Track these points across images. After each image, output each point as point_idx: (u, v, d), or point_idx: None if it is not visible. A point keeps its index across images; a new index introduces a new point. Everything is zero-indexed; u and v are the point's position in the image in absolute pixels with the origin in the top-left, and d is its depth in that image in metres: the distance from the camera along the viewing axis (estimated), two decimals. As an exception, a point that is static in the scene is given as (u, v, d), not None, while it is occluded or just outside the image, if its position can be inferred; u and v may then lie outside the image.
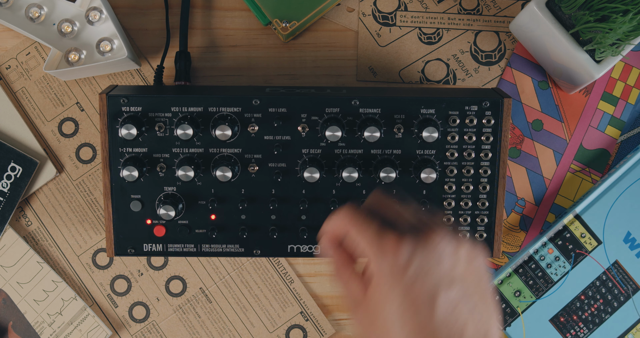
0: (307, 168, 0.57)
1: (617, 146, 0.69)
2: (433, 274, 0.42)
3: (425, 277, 0.42)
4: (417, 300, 0.41)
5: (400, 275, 0.42)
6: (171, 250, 0.60)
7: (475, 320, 0.43)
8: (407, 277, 0.42)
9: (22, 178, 0.67)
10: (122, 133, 0.56)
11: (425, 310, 0.41)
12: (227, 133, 0.57)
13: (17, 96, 0.68)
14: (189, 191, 0.59)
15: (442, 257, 0.42)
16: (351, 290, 0.46)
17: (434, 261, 0.42)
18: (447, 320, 0.42)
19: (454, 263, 0.43)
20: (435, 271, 0.42)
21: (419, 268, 0.42)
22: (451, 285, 0.42)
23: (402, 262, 0.42)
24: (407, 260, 0.42)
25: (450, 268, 0.43)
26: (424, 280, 0.42)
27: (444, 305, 0.42)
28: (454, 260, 0.43)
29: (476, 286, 0.44)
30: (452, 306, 0.42)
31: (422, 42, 0.68)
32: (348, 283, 0.46)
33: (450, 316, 0.42)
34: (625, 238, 0.67)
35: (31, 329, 0.68)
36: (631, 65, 0.69)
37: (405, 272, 0.42)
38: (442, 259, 0.42)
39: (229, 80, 0.68)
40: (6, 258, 0.68)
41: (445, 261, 0.42)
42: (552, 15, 0.60)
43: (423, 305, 0.41)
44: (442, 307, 0.41)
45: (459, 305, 0.42)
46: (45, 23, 0.65)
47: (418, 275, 0.42)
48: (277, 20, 0.64)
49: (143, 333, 0.69)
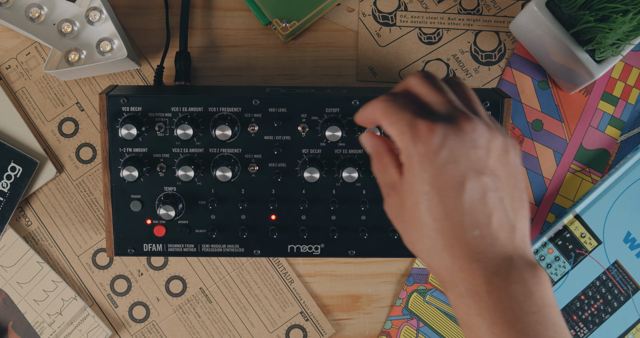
0: (307, 168, 0.57)
1: (617, 146, 0.69)
2: (464, 161, 0.42)
3: (456, 163, 0.42)
4: (446, 184, 0.42)
5: (431, 160, 0.42)
6: (171, 250, 0.60)
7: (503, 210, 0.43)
8: (438, 162, 0.42)
9: (22, 178, 0.67)
10: (122, 133, 0.56)
11: (454, 195, 0.42)
12: (227, 133, 0.57)
13: (17, 96, 0.68)
14: (189, 191, 0.59)
15: (474, 146, 0.42)
16: (388, 175, 0.46)
17: (466, 149, 0.42)
18: (474, 207, 0.42)
19: (485, 154, 0.43)
20: (466, 158, 0.42)
21: (450, 154, 0.42)
22: (481, 173, 0.42)
23: (434, 147, 0.42)
24: (438, 145, 0.42)
25: (481, 157, 0.42)
26: (454, 165, 0.42)
27: (472, 191, 0.42)
28: (486, 151, 0.43)
29: (507, 179, 0.44)
30: (480, 194, 0.42)
31: (422, 42, 0.68)
32: (386, 170, 0.47)
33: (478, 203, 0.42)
34: (625, 238, 0.67)
35: (31, 329, 0.68)
36: (631, 65, 0.69)
37: (436, 157, 0.42)
38: (474, 148, 0.42)
39: (229, 80, 0.68)
40: (6, 258, 0.68)
41: (477, 150, 0.42)
42: (552, 15, 0.60)
43: (452, 189, 0.42)
44: (470, 192, 0.42)
45: (488, 193, 0.42)
46: (45, 23, 0.65)
47: (449, 161, 0.42)
48: (277, 20, 0.64)
49: (143, 333, 0.69)
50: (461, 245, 0.42)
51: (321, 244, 0.60)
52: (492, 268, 0.42)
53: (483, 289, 0.41)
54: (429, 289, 0.68)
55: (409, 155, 0.43)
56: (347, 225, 0.59)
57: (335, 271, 0.68)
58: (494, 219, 0.42)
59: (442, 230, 0.42)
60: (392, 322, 0.69)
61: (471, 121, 0.43)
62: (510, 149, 0.44)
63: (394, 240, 0.59)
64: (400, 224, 0.45)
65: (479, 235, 0.42)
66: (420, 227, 0.43)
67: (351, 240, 0.60)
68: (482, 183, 0.42)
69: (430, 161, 0.42)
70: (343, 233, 0.59)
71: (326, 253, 0.60)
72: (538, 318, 0.41)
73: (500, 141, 0.44)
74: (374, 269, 0.68)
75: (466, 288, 0.42)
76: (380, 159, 0.47)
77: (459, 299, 0.43)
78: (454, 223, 0.42)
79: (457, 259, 0.42)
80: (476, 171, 0.42)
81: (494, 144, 0.43)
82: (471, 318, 0.42)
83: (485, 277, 0.41)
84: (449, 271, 0.43)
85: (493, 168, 0.43)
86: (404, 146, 0.43)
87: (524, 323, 0.40)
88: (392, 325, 0.69)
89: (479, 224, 0.42)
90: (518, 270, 0.42)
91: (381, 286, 0.69)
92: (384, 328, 0.69)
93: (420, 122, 0.42)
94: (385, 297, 0.69)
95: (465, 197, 0.42)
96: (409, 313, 0.68)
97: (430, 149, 0.42)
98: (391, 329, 0.69)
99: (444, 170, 0.42)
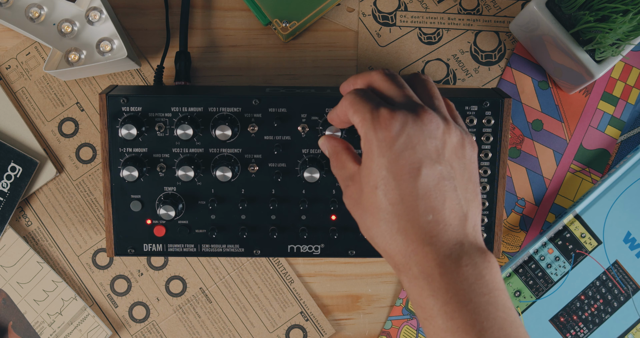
0: (307, 168, 0.57)
1: (617, 146, 0.69)
2: (420, 148, 0.44)
3: (413, 150, 0.44)
4: (402, 169, 0.44)
5: (389, 145, 0.44)
6: (171, 250, 0.60)
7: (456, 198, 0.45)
8: (396, 147, 0.44)
9: (22, 178, 0.67)
10: (122, 133, 0.56)
11: (409, 180, 0.44)
12: (227, 133, 0.57)
13: (17, 96, 0.68)
14: (189, 191, 0.59)
15: (430, 136, 0.44)
16: (346, 169, 0.49)
17: (423, 137, 0.44)
18: (428, 192, 0.44)
19: (441, 145, 0.45)
20: (422, 146, 0.44)
21: (407, 140, 0.44)
22: (437, 162, 0.44)
23: (393, 133, 0.44)
24: (397, 132, 0.44)
25: (437, 147, 0.45)
26: (411, 151, 0.44)
27: (427, 177, 0.44)
28: (442, 142, 0.45)
29: (462, 172, 0.46)
30: (435, 181, 0.44)
31: (422, 42, 0.68)
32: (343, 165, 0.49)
33: (432, 189, 0.44)
34: (625, 238, 0.67)
35: (31, 329, 0.68)
36: (631, 65, 0.69)
37: (394, 143, 0.44)
38: (431, 137, 0.44)
39: (229, 80, 0.68)
40: (6, 258, 0.68)
41: (434, 140, 0.45)
42: (552, 15, 0.60)
43: (408, 174, 0.44)
44: (424, 178, 0.44)
45: (442, 181, 0.44)
46: (45, 23, 0.65)
47: (406, 147, 0.44)
48: (277, 20, 0.64)
49: (143, 333, 0.69)
50: (415, 228, 0.44)
51: (321, 244, 0.60)
52: (444, 251, 0.43)
53: (435, 271, 0.43)
54: (429, 289, 0.68)
55: (368, 141, 0.45)
56: (347, 225, 0.59)
57: (335, 271, 0.68)
58: (447, 206, 0.44)
59: (397, 214, 0.44)
60: (392, 322, 0.69)
61: (429, 113, 0.45)
62: (467, 144, 0.47)
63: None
64: (357, 211, 0.47)
65: (433, 220, 0.44)
66: (377, 211, 0.45)
67: (351, 240, 0.60)
68: (437, 171, 0.44)
69: (389, 146, 0.44)
70: (343, 233, 0.59)
71: (326, 253, 0.60)
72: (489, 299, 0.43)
73: (457, 136, 0.46)
74: (374, 269, 0.68)
75: (419, 270, 0.44)
76: (338, 157, 0.50)
77: (413, 281, 0.44)
78: (409, 207, 0.44)
79: (410, 242, 0.44)
80: (432, 159, 0.44)
81: (450, 137, 0.45)
82: (424, 299, 0.44)
83: (438, 260, 0.43)
84: (403, 254, 0.45)
85: (448, 159, 0.45)
86: (364, 131, 0.45)
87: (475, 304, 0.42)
88: (392, 325, 0.69)
89: (433, 209, 0.44)
90: (469, 254, 0.44)
91: (381, 286, 0.69)
92: (384, 328, 0.69)
93: (381, 110, 0.45)
94: (385, 297, 0.69)
95: (420, 182, 0.44)
96: (409, 313, 0.68)
97: (389, 134, 0.44)
98: (391, 329, 0.69)
99: (401, 155, 0.44)
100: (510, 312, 0.43)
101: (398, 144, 0.44)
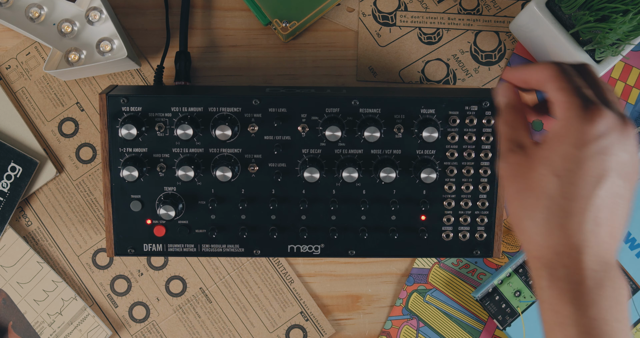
0: (307, 168, 0.57)
1: (617, 146, 0.69)
2: (614, 159, 0.42)
3: (607, 157, 0.42)
4: (589, 171, 0.42)
5: (588, 141, 0.41)
6: (171, 250, 0.60)
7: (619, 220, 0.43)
8: (593, 147, 0.41)
9: (22, 178, 0.67)
10: (122, 133, 0.56)
11: (591, 184, 0.42)
12: (227, 133, 0.57)
13: (17, 96, 0.68)
14: (189, 191, 0.59)
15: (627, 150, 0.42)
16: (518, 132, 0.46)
17: (619, 149, 0.42)
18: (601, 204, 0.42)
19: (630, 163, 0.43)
20: (615, 157, 0.42)
21: (607, 145, 0.42)
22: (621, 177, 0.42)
23: (596, 132, 0.41)
24: (601, 132, 0.41)
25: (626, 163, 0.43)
26: (604, 157, 0.42)
27: (608, 189, 0.42)
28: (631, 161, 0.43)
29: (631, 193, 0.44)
30: (612, 195, 0.42)
31: (422, 42, 0.68)
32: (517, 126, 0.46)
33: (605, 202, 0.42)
34: (625, 238, 0.67)
35: (31, 329, 0.68)
36: (631, 65, 0.69)
37: (594, 142, 0.41)
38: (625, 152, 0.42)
39: (229, 80, 0.68)
40: (6, 258, 0.68)
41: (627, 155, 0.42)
42: (552, 15, 0.60)
43: (592, 178, 0.42)
44: (605, 189, 0.42)
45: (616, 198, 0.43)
46: (45, 23, 0.65)
47: (602, 151, 0.42)
48: (277, 20, 0.64)
49: (143, 333, 0.69)
50: (577, 232, 0.42)
51: (321, 244, 0.60)
52: (593, 265, 0.42)
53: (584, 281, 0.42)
54: (429, 289, 0.68)
55: (569, 125, 0.42)
56: (347, 225, 0.59)
57: (335, 271, 0.68)
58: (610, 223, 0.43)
59: (566, 210, 0.42)
60: (392, 322, 0.69)
61: (633, 128, 0.43)
62: None
63: (394, 240, 0.59)
64: (516, 184, 0.45)
65: (594, 231, 0.42)
66: (545, 197, 0.43)
67: (351, 240, 0.60)
68: (618, 186, 0.42)
69: (587, 142, 0.41)
70: (343, 233, 0.59)
71: (326, 253, 0.60)
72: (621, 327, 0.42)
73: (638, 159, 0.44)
74: (374, 269, 0.68)
75: (567, 273, 0.42)
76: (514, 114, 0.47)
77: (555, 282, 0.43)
78: (580, 209, 0.42)
79: (567, 243, 0.42)
80: (618, 174, 0.42)
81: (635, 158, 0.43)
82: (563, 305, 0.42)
83: (588, 271, 0.42)
84: (554, 251, 0.43)
85: (629, 178, 0.43)
86: (568, 115, 0.42)
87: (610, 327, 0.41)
88: (392, 325, 0.69)
89: (599, 221, 0.42)
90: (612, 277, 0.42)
91: (381, 286, 0.69)
92: (384, 328, 0.69)
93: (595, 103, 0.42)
94: (385, 297, 0.69)
95: (600, 191, 0.42)
96: (409, 313, 0.69)
97: (593, 131, 0.41)
98: (391, 329, 0.69)
99: (595, 157, 0.41)
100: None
101: (597, 144, 0.41)
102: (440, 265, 0.68)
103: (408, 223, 0.59)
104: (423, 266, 0.68)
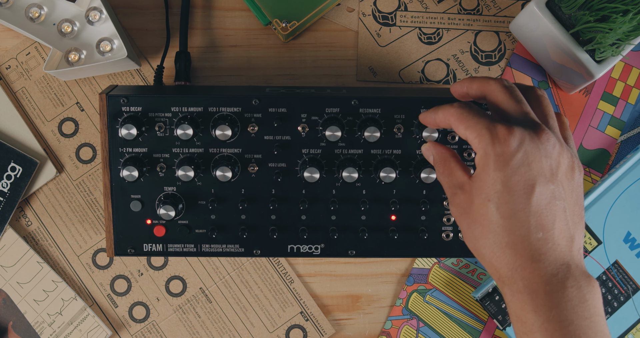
0: (307, 168, 0.57)
1: (617, 146, 0.69)
2: (536, 166, 0.45)
3: (529, 166, 0.44)
4: (517, 185, 0.44)
5: (507, 160, 0.44)
6: (171, 250, 0.60)
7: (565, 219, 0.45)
8: (513, 163, 0.44)
9: (22, 178, 0.67)
10: (122, 133, 0.57)
11: (523, 196, 0.44)
12: (227, 133, 0.57)
13: (17, 96, 0.68)
14: (189, 191, 0.59)
15: (547, 154, 0.45)
16: (455, 177, 0.49)
17: (539, 156, 0.45)
18: (540, 210, 0.45)
19: (556, 164, 0.45)
20: (538, 164, 0.45)
21: (525, 157, 0.44)
22: (550, 181, 0.45)
23: (511, 149, 0.44)
24: (515, 148, 0.44)
25: (552, 167, 0.45)
26: (527, 168, 0.44)
27: (541, 195, 0.44)
28: (557, 162, 0.46)
29: (570, 194, 0.46)
30: (547, 200, 0.45)
31: (422, 42, 0.68)
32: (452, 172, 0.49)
33: (544, 208, 0.45)
34: (625, 238, 0.67)
35: (31, 329, 0.68)
36: (631, 65, 0.69)
37: (512, 158, 0.44)
38: (547, 156, 0.45)
39: (229, 80, 0.68)
40: (6, 258, 0.68)
41: (549, 159, 0.45)
42: (552, 15, 0.60)
43: (522, 190, 0.44)
44: (538, 196, 0.44)
45: (554, 201, 0.45)
46: (45, 23, 0.65)
47: (523, 163, 0.44)
48: (277, 20, 0.64)
49: (143, 333, 0.69)
50: (525, 244, 0.44)
51: (321, 244, 0.60)
52: (551, 270, 0.44)
53: (541, 288, 0.44)
54: (429, 289, 0.68)
55: (485, 155, 0.45)
56: (347, 225, 0.59)
57: (335, 271, 0.68)
58: (557, 225, 0.45)
59: (508, 228, 0.45)
60: (392, 322, 0.69)
61: (546, 132, 0.45)
62: (576, 168, 0.47)
63: (393, 240, 0.59)
64: (465, 220, 0.47)
65: (542, 238, 0.44)
66: (488, 223, 0.45)
67: (351, 240, 0.60)
68: (550, 190, 0.45)
69: (506, 161, 0.44)
70: (343, 233, 0.59)
71: (326, 253, 0.60)
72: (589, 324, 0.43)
73: (569, 158, 0.46)
74: (374, 269, 0.68)
75: (525, 285, 0.44)
76: (446, 164, 0.50)
77: (516, 295, 0.45)
78: (521, 223, 0.44)
79: (519, 257, 0.45)
80: (546, 178, 0.45)
81: (563, 159, 0.46)
82: (526, 314, 0.44)
83: (545, 278, 0.44)
84: (510, 267, 0.45)
85: (560, 179, 0.46)
86: (481, 147, 0.45)
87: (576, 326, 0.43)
88: (392, 325, 0.69)
89: (544, 227, 0.44)
90: (575, 276, 0.44)
91: (381, 286, 0.69)
92: (384, 328, 0.69)
93: (498, 126, 0.45)
94: (385, 297, 0.69)
95: (534, 200, 0.44)
96: (409, 313, 0.69)
97: (507, 150, 0.44)
98: (391, 329, 0.69)
99: (518, 171, 0.44)
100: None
101: (515, 159, 0.44)
102: (440, 265, 0.68)
103: (408, 223, 0.59)
104: (423, 266, 0.68)
